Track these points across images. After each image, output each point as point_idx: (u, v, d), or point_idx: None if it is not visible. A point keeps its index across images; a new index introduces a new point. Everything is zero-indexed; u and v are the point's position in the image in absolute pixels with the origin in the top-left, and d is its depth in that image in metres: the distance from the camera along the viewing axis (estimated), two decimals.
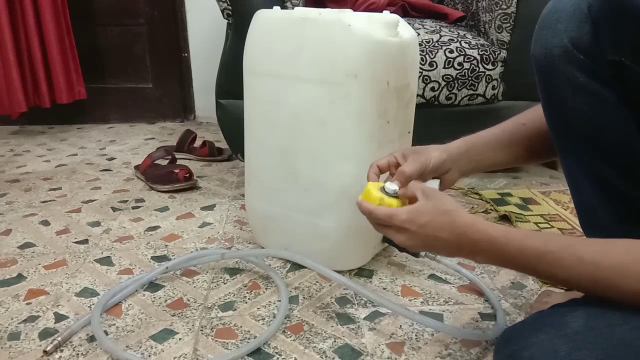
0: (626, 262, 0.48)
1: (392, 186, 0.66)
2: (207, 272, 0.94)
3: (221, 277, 0.92)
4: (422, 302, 0.85)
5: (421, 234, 0.60)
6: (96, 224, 1.16)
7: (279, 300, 0.84)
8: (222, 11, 1.34)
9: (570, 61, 0.57)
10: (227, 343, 0.74)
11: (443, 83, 1.34)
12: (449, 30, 1.41)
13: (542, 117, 0.70)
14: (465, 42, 1.35)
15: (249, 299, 0.86)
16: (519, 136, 0.74)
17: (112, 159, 1.68)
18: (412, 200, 0.63)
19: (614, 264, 0.49)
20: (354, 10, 1.02)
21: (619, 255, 0.49)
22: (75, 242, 1.06)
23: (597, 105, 0.57)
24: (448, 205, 0.60)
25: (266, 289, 0.89)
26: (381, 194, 0.66)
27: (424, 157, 0.72)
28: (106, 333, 0.76)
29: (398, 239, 0.63)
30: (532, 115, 0.74)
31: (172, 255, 1.01)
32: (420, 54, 1.30)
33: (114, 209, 1.24)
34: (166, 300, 0.85)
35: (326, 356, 0.72)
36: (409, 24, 0.94)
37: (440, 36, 1.36)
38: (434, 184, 0.74)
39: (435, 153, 0.73)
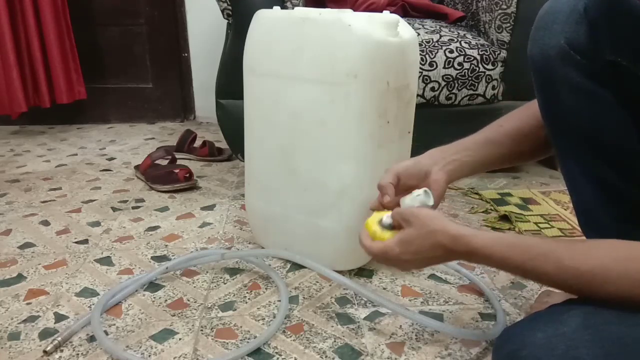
0: (606, 264, 0.49)
1: (388, 219, 0.68)
2: (207, 272, 0.94)
3: (221, 277, 0.92)
4: (422, 302, 0.85)
5: (417, 259, 0.63)
6: (96, 224, 1.16)
7: (279, 300, 0.84)
8: (222, 11, 1.34)
9: (567, 62, 0.57)
10: (227, 343, 0.74)
11: (443, 83, 1.34)
12: (449, 30, 1.41)
13: (520, 118, 0.73)
14: (465, 42, 1.35)
15: (249, 299, 0.86)
16: (498, 137, 0.74)
17: (112, 159, 1.68)
18: (399, 227, 0.66)
19: (594, 268, 0.49)
20: (354, 10, 1.02)
21: (599, 258, 0.50)
22: (75, 242, 1.06)
23: (594, 105, 0.58)
24: (429, 226, 0.61)
25: (266, 289, 0.89)
26: (376, 228, 0.68)
27: (396, 165, 0.74)
28: (106, 333, 0.76)
29: (401, 268, 0.69)
30: (510, 117, 0.75)
31: (172, 255, 1.01)
32: (420, 54, 1.30)
33: (114, 209, 1.24)
34: (166, 300, 0.85)
35: (326, 356, 0.72)
36: (409, 24, 0.94)
37: (440, 36, 1.36)
38: (420, 194, 0.69)
39: (407, 159, 0.75)
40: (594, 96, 0.57)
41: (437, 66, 1.32)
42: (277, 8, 0.88)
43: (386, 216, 0.68)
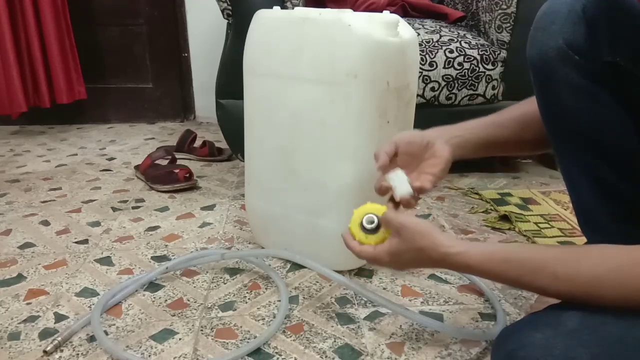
0: (599, 274, 0.49)
1: (368, 224, 0.67)
2: (207, 272, 0.94)
3: (221, 277, 0.92)
4: (422, 302, 0.85)
5: (406, 266, 0.67)
6: (96, 224, 1.16)
7: (279, 300, 0.84)
8: (222, 11, 1.34)
9: (566, 62, 0.57)
10: (227, 343, 0.74)
11: (443, 83, 1.34)
12: (449, 30, 1.41)
13: (526, 105, 0.72)
14: (465, 42, 1.35)
15: (249, 299, 0.86)
16: (502, 119, 0.74)
17: (112, 159, 1.68)
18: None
19: (588, 279, 0.49)
20: (354, 10, 1.02)
21: (591, 268, 0.50)
22: (75, 242, 1.06)
23: (593, 105, 0.58)
24: (419, 242, 0.60)
25: (266, 289, 0.89)
26: (360, 235, 0.68)
27: (396, 135, 0.72)
28: (106, 333, 0.76)
29: (390, 270, 0.70)
30: (517, 105, 0.75)
31: (172, 255, 1.01)
32: (420, 54, 1.30)
33: (114, 209, 1.24)
34: (166, 300, 0.85)
35: (326, 356, 0.72)
36: (409, 24, 0.94)
37: (440, 36, 1.36)
38: (394, 181, 0.68)
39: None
40: (594, 96, 0.57)
41: (437, 66, 1.32)
42: (277, 8, 0.88)
43: (366, 219, 0.67)
